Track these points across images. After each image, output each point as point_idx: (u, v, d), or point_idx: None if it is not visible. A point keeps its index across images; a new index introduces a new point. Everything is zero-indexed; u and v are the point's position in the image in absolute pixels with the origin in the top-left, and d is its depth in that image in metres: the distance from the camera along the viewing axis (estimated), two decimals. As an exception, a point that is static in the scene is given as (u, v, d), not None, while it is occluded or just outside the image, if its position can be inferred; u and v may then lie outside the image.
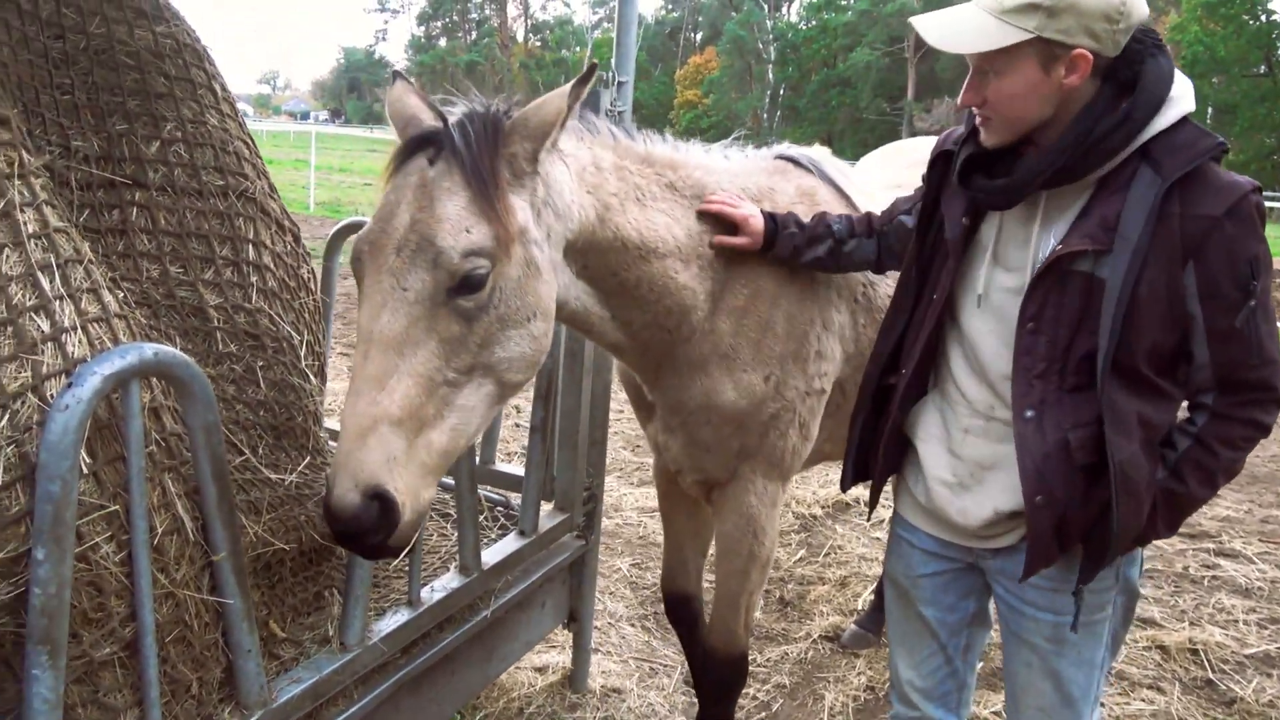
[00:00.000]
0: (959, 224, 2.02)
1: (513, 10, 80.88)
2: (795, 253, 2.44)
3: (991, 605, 2.29)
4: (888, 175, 3.41)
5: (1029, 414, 1.88)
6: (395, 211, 1.80)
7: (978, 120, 1.92)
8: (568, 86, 1.86)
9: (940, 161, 2.12)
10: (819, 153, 3.00)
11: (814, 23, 64.82)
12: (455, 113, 1.91)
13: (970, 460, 2.06)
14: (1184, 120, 1.80)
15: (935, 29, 1.84)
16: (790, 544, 5.24)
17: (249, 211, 2.32)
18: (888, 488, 2.40)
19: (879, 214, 2.50)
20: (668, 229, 2.31)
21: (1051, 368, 1.86)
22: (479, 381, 1.81)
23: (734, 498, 2.64)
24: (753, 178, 2.59)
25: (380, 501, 1.65)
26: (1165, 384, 1.86)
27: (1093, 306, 1.80)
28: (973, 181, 1.95)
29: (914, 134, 57.84)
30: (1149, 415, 1.85)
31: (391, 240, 1.77)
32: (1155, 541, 5.33)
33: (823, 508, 5.73)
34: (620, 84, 3.14)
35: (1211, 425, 1.85)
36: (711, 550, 3.14)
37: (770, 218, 2.42)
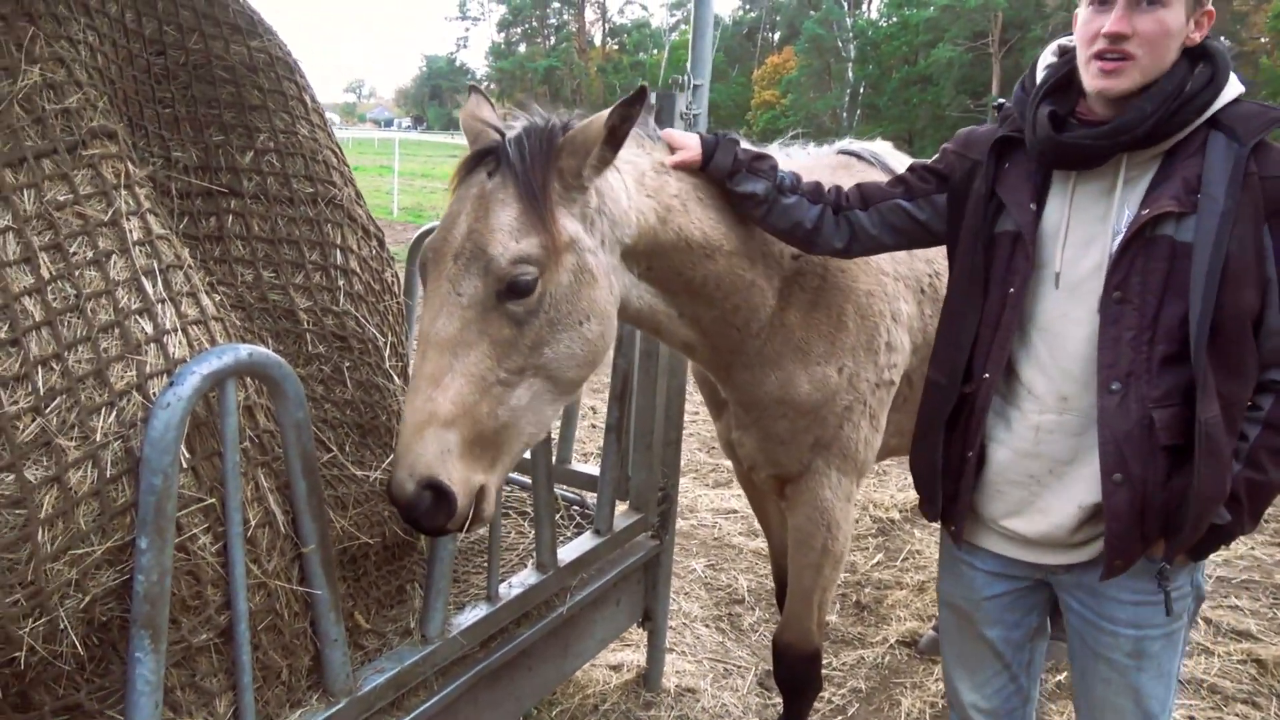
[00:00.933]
0: (1026, 209, 1.97)
1: (590, 15, 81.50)
2: (733, 172, 2.28)
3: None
4: None
5: (1115, 386, 1.84)
6: (456, 221, 1.92)
7: (1102, 65, 1.83)
8: (613, 108, 1.93)
9: (995, 151, 2.08)
10: (881, 146, 3.00)
11: (894, 19, 63.76)
12: (516, 127, 2.00)
13: (1048, 457, 1.98)
14: (1239, 97, 1.86)
15: None
16: (868, 548, 5.19)
17: (336, 218, 2.41)
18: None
19: (848, 191, 2.35)
20: (729, 228, 2.34)
21: (1141, 337, 1.82)
22: (530, 381, 1.90)
23: (807, 490, 2.66)
24: (815, 173, 2.59)
25: (434, 490, 1.77)
26: (1251, 358, 1.83)
27: (1179, 271, 1.78)
28: (1066, 135, 1.89)
29: (998, 131, 56.30)
30: (1230, 390, 1.82)
31: (451, 248, 1.88)
32: (1252, 550, 5.14)
33: (900, 511, 5.66)
34: (696, 87, 3.17)
35: None
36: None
37: (711, 135, 2.33)
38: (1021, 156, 2.02)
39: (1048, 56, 2.09)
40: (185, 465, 1.77)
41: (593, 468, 3.67)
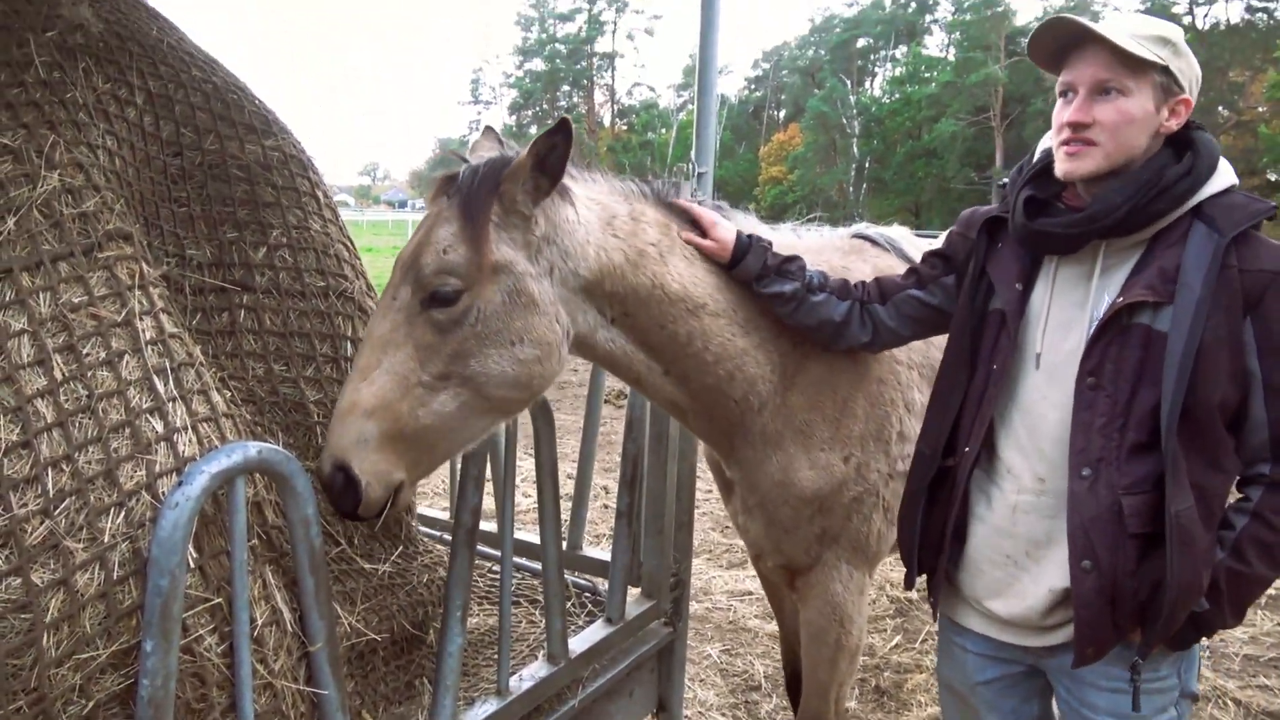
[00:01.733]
0: (1013, 288, 2.01)
1: (599, 96, 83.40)
2: (761, 275, 2.34)
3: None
4: None
5: (1085, 473, 1.85)
6: (413, 237, 2.10)
7: (1067, 150, 1.89)
8: (538, 138, 2.05)
9: (986, 230, 2.13)
10: (898, 231, 2.99)
11: (897, 95, 65.04)
12: (484, 157, 2.15)
13: (1023, 538, 2.00)
14: (1229, 188, 1.89)
15: (1090, 24, 1.84)
16: (885, 629, 5.09)
17: (348, 310, 2.44)
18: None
19: (868, 285, 2.42)
20: (718, 289, 2.35)
21: (1112, 424, 1.83)
22: (456, 390, 2.02)
23: (818, 584, 2.60)
24: (826, 255, 2.62)
25: (344, 474, 1.94)
26: (1225, 450, 1.84)
27: (1153, 359, 1.80)
28: (1039, 222, 1.95)
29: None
30: (1206, 483, 1.82)
31: (401, 260, 2.07)
32: (1279, 627, 5.02)
33: (918, 591, 5.56)
34: (700, 175, 3.22)
35: (1269, 497, 1.82)
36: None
37: (745, 236, 2.38)
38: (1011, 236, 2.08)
39: (1046, 140, 2.12)
40: (192, 564, 1.77)
41: (604, 553, 3.63)
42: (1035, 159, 2.09)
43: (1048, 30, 1.89)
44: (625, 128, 79.22)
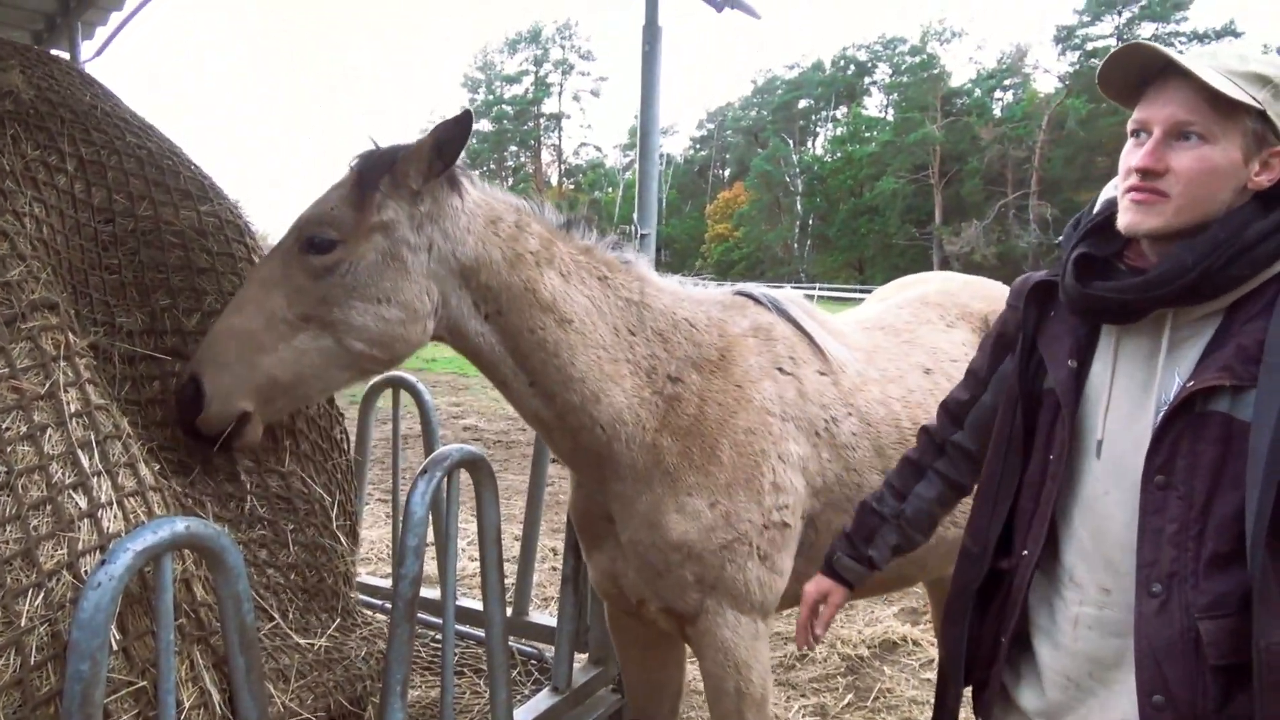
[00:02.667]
0: (1065, 366, 1.73)
1: (546, 156, 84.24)
2: (867, 561, 2.10)
3: None
4: (869, 311, 3.30)
5: (1155, 588, 1.56)
6: None
7: (1133, 198, 1.61)
8: (439, 124, 2.20)
9: (1035, 298, 1.83)
10: (787, 294, 2.88)
11: (839, 155, 66.71)
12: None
13: (1085, 656, 1.70)
14: None
15: (1163, 52, 1.56)
16: (837, 688, 5.05)
17: (283, 379, 2.39)
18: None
19: (937, 423, 2.12)
20: (588, 312, 2.41)
21: (1186, 532, 1.54)
22: (317, 333, 2.16)
23: (708, 633, 2.54)
24: (705, 307, 2.62)
25: (195, 386, 2.11)
26: None
27: (1234, 454, 1.50)
28: (1094, 285, 1.66)
29: (944, 256, 58.10)
30: None
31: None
32: None
33: (869, 648, 5.54)
34: (643, 236, 3.26)
35: None
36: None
37: (832, 562, 2.16)
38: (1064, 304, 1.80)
39: (1109, 189, 1.82)
40: (115, 647, 1.70)
41: (551, 618, 3.58)
42: (1095, 209, 1.81)
43: (1123, 58, 1.61)
44: (572, 187, 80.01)
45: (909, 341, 2.99)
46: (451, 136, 2.19)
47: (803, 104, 75.07)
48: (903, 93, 66.70)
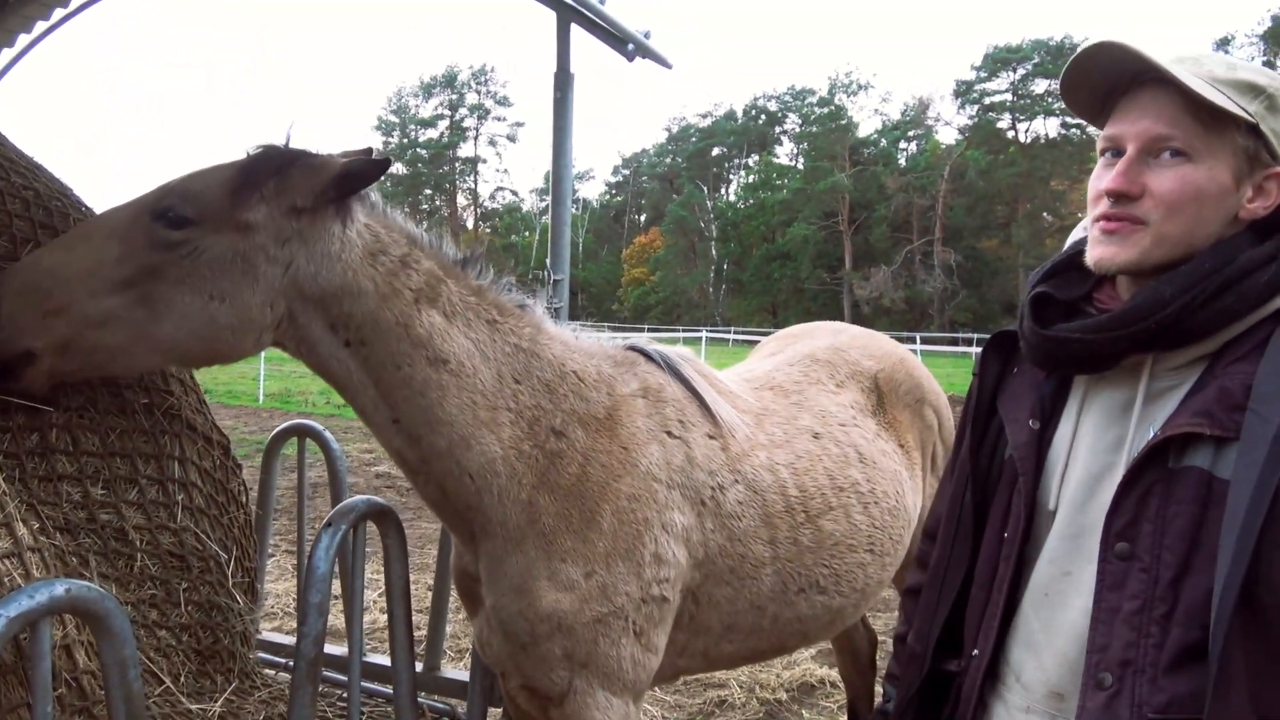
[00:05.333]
0: (1025, 428, 1.49)
1: (462, 200, 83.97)
2: None
3: None
4: (760, 367, 3.19)
5: (1104, 678, 1.31)
6: None
7: (1103, 227, 1.37)
8: (358, 158, 2.13)
9: (996, 351, 1.60)
10: (680, 351, 2.76)
11: (751, 201, 68.16)
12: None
13: None
14: None
15: (1138, 52, 1.33)
16: (756, 734, 5.02)
17: (175, 428, 2.29)
18: None
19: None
20: (469, 355, 2.27)
21: (1148, 612, 1.28)
22: (133, 304, 2.00)
23: (575, 716, 2.35)
24: (595, 361, 2.49)
25: None
26: None
27: (1212, 520, 1.25)
28: (1057, 328, 1.42)
29: (854, 301, 59.55)
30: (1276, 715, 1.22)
31: None
32: None
33: (788, 691, 5.53)
34: (556, 281, 3.23)
35: None
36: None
37: None
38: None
39: (1079, 230, 1.61)
40: (-17, 722, 1.57)
41: (464, 672, 3.47)
42: (1065, 248, 1.59)
43: (1091, 59, 1.37)
44: (489, 231, 79.80)
45: (798, 404, 2.91)
46: (360, 174, 2.10)
47: (716, 151, 76.68)
48: (812, 142, 68.73)
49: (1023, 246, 55.63)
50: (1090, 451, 1.42)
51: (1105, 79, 1.38)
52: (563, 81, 3.17)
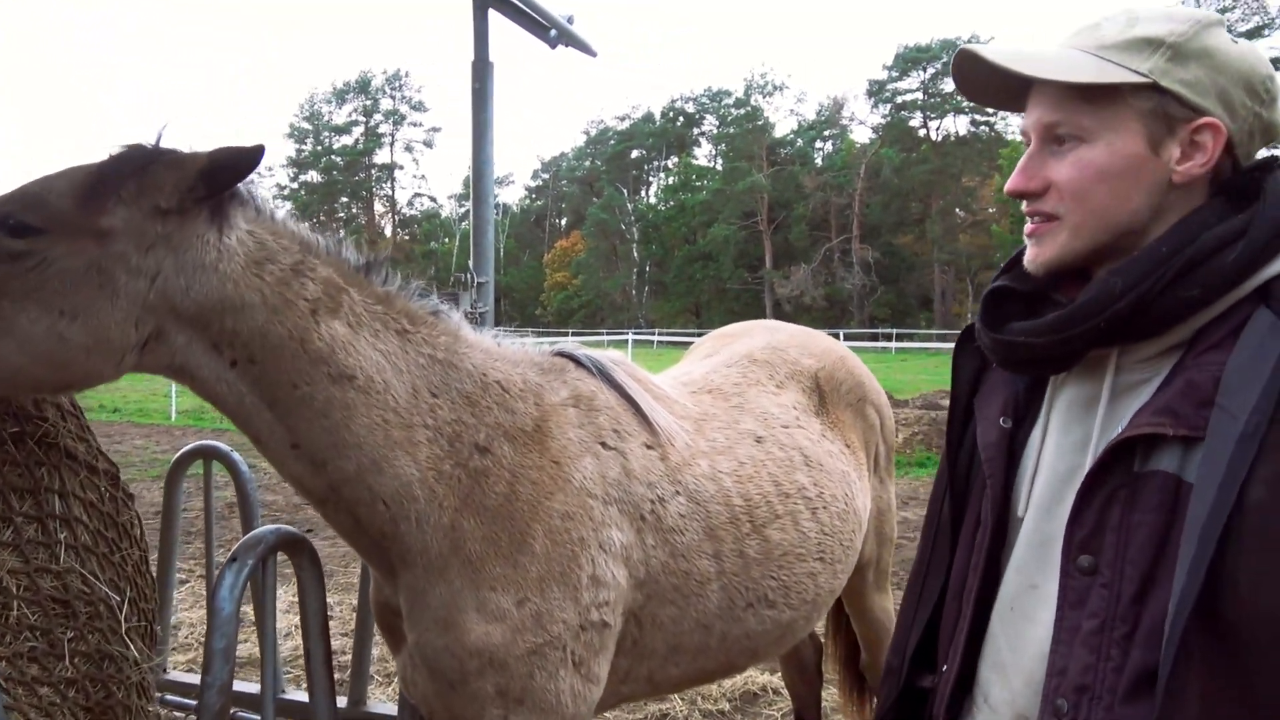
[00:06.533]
0: (996, 427, 1.40)
1: (379, 207, 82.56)
2: None
3: None
4: (696, 370, 3.06)
5: (1060, 704, 1.21)
6: None
7: (1026, 229, 1.32)
8: (224, 147, 1.84)
9: (967, 345, 1.51)
10: (613, 355, 2.61)
11: (672, 203, 68.50)
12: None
13: None
14: None
15: (1003, 51, 1.27)
16: (701, 746, 4.88)
17: (52, 459, 2.04)
18: None
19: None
20: (379, 369, 2.07)
21: (1107, 632, 1.18)
22: None
23: None
24: (521, 369, 2.32)
25: None
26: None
27: (1181, 529, 1.14)
28: (1010, 329, 1.32)
29: (775, 300, 60.52)
30: None
31: None
32: None
33: (730, 700, 5.41)
34: (480, 284, 3.04)
35: None
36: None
37: None
38: None
39: None
40: None
41: (391, 706, 3.26)
42: None
43: (966, 71, 1.33)
44: (407, 238, 78.72)
45: (738, 407, 2.78)
46: (230, 165, 1.84)
47: (635, 154, 76.91)
48: (730, 143, 69.50)
49: (937, 242, 57.07)
50: (1056, 452, 1.33)
51: (996, 78, 1.29)
52: (481, 71, 2.98)
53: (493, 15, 2.98)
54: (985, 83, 1.33)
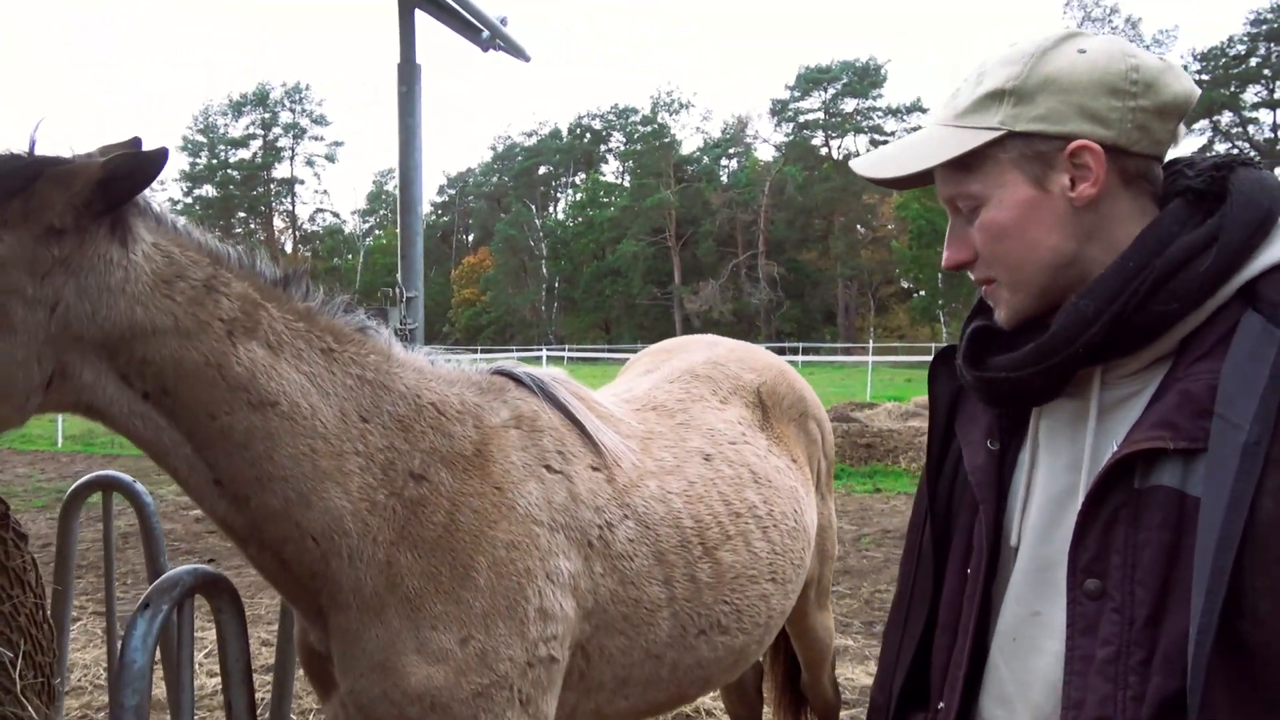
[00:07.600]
0: (982, 449, 1.36)
1: (279, 222, 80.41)
2: None
3: None
4: (637, 387, 2.98)
5: None
6: None
7: (983, 291, 1.33)
8: (126, 152, 1.68)
9: (945, 368, 1.48)
10: (553, 373, 2.52)
11: (580, 219, 68.60)
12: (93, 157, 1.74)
13: None
14: None
15: (872, 159, 1.33)
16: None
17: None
18: None
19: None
20: (304, 393, 1.94)
21: (1124, 659, 1.14)
22: None
23: None
24: (457, 389, 2.20)
25: None
26: None
27: (1189, 546, 1.10)
28: (991, 364, 1.29)
29: (684, 316, 61.05)
30: None
31: None
32: None
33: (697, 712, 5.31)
34: (410, 299, 2.88)
35: None
36: None
37: None
38: None
39: None
40: None
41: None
42: None
43: (877, 173, 1.35)
44: (309, 254, 76.82)
45: (684, 424, 2.69)
46: (130, 173, 1.68)
47: (542, 170, 76.89)
48: (637, 160, 70.01)
49: (840, 258, 58.50)
50: (1048, 473, 1.28)
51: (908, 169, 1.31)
52: (408, 74, 2.83)
53: (420, 17, 2.84)
54: (890, 179, 1.35)
